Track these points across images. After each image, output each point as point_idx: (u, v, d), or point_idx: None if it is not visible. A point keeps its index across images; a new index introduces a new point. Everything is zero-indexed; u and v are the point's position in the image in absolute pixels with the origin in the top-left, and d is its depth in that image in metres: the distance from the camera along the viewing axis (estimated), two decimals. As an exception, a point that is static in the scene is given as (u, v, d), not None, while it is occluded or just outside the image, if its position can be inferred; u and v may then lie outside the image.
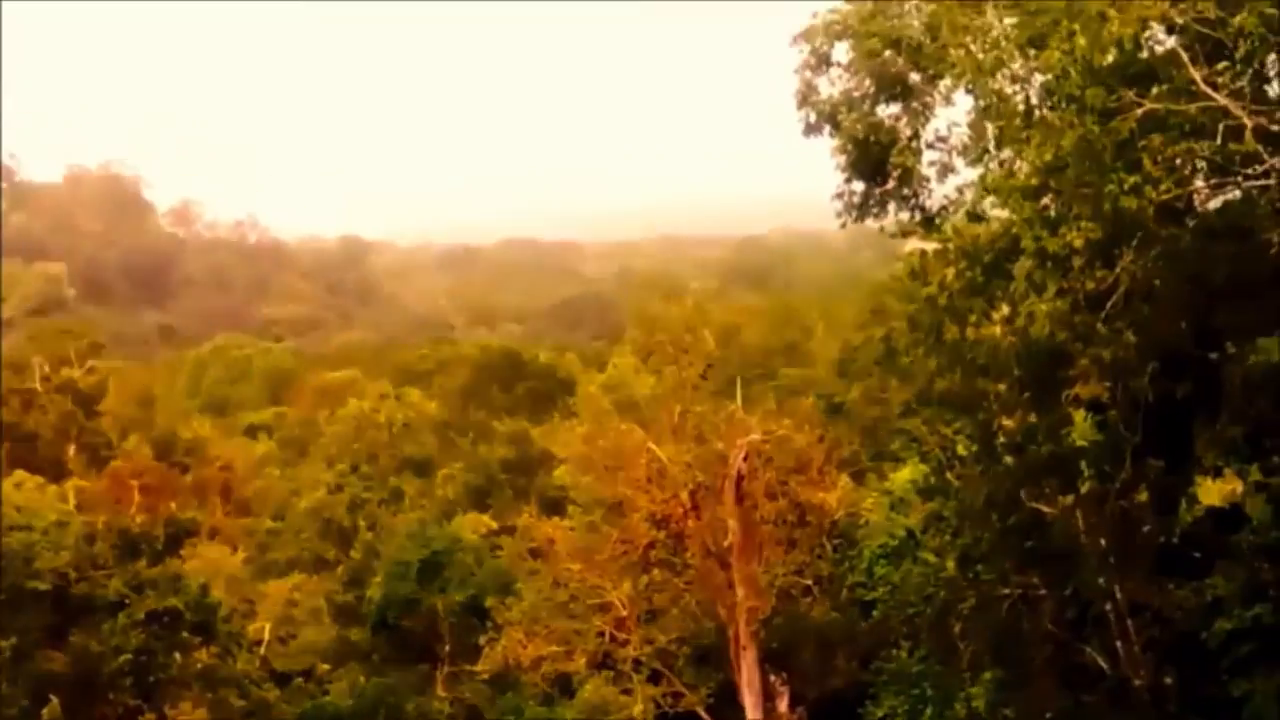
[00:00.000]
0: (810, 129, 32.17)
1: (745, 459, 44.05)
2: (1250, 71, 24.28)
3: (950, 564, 34.06)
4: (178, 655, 65.36)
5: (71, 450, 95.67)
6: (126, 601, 69.59)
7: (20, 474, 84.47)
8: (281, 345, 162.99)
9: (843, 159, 32.11)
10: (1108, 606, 28.70)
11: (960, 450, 33.51)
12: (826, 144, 32.24)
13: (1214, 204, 27.16)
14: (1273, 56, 24.91)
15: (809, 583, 46.23)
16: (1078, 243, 24.84)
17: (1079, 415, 26.64)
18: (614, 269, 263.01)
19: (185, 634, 66.84)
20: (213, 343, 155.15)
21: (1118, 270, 25.40)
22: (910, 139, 31.80)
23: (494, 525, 71.43)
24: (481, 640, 50.11)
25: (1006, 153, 28.82)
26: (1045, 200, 26.64)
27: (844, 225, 33.65)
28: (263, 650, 68.47)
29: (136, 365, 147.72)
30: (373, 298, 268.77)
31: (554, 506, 57.62)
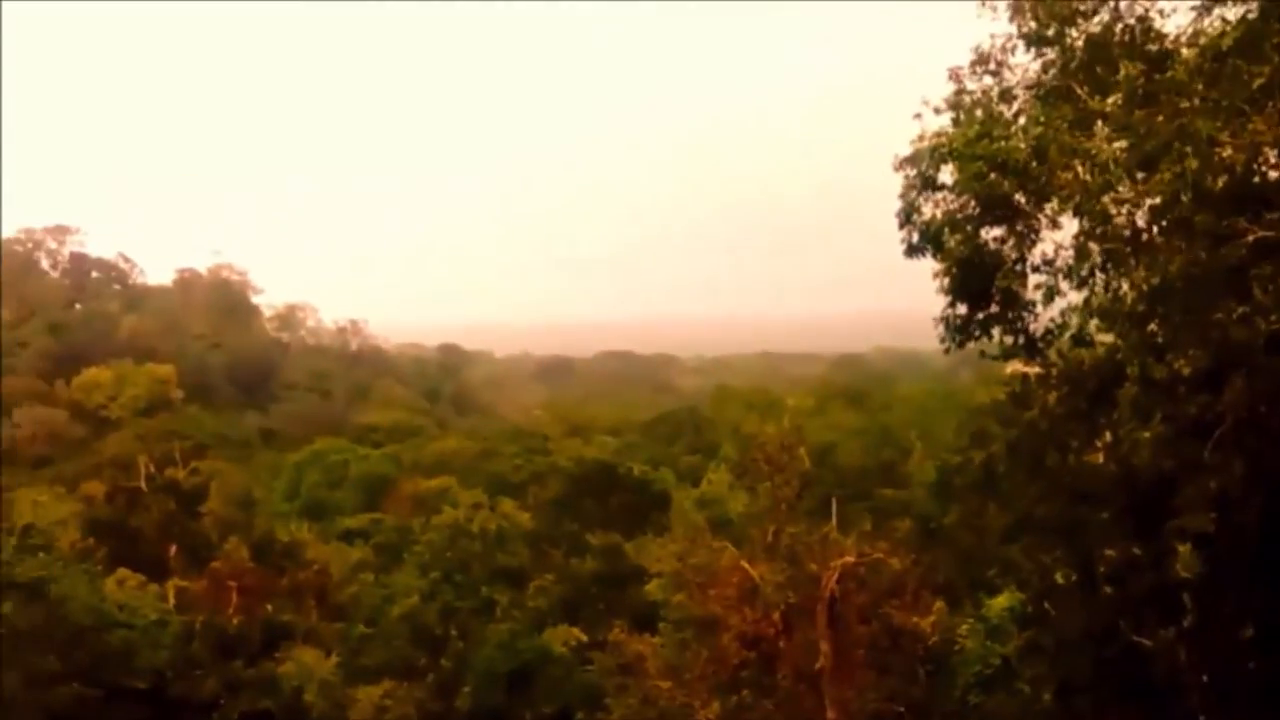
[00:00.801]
0: (913, 250, 32.10)
1: (839, 581, 43.66)
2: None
3: (1047, 696, 33.47)
4: (268, 758, 65.81)
5: (173, 549, 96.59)
6: (221, 701, 70.13)
7: (123, 572, 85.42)
8: (379, 451, 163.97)
9: (946, 281, 31.97)
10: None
11: (1059, 579, 32.97)
12: (929, 264, 32.17)
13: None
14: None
15: (901, 709, 45.55)
16: (1185, 370, 24.56)
17: (1184, 547, 26.15)
18: (710, 384, 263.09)
19: (278, 735, 67.32)
20: (312, 447, 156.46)
21: (1225, 399, 25.04)
22: (1015, 262, 31.64)
23: (584, 638, 71.10)
24: (569, 755, 49.86)
25: (1113, 277, 28.61)
26: (1152, 326, 26.36)
27: (947, 350, 33.39)
28: (351, 756, 68.56)
29: (238, 467, 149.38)
30: (469, 407, 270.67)
31: (645, 622, 57.22)
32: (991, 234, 31.72)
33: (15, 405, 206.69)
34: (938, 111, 31.79)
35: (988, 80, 32.12)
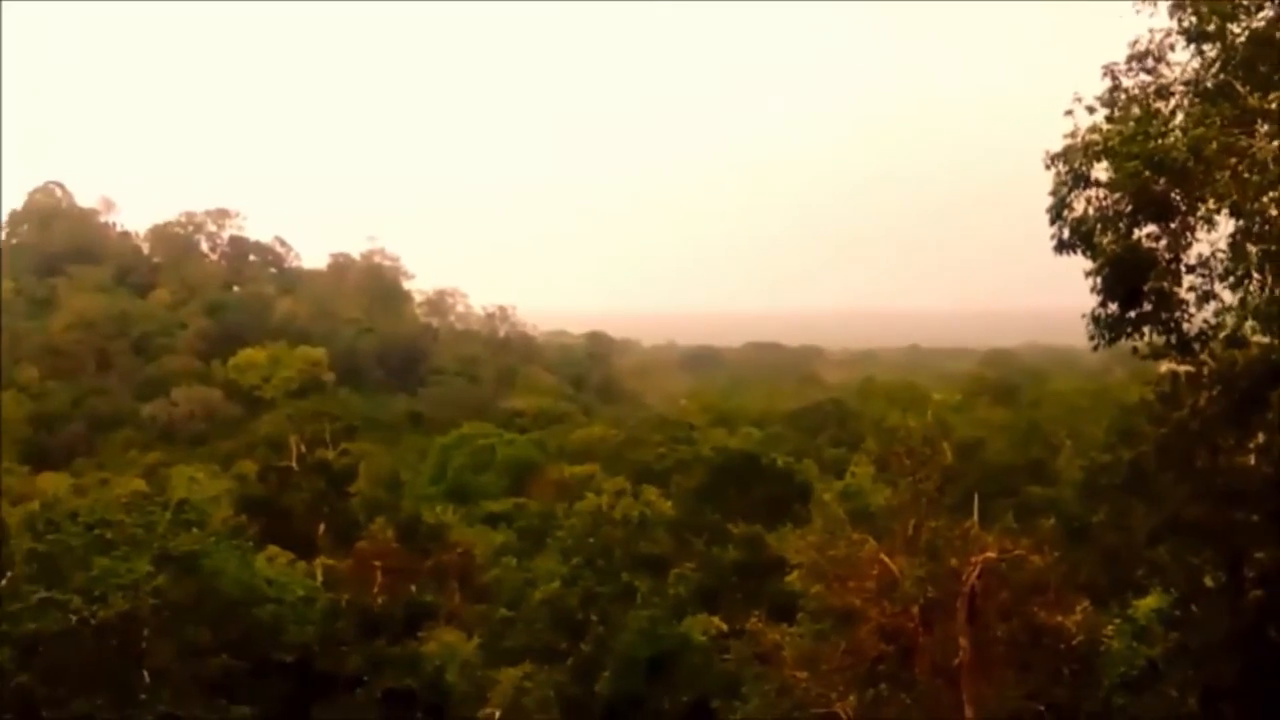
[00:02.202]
0: (1063, 246, 31.82)
1: (980, 577, 43.29)
2: None
3: (1192, 700, 33.05)
4: (411, 734, 66.76)
5: (321, 528, 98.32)
6: (365, 678, 71.27)
7: (273, 549, 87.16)
8: (525, 437, 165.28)
9: (1097, 279, 31.65)
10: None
11: (1207, 581, 32.54)
12: (1080, 261, 31.86)
13: None
14: None
15: (1042, 708, 45.06)
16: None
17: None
18: (857, 377, 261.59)
19: (419, 714, 68.19)
20: (459, 431, 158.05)
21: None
22: (1169, 261, 31.24)
23: (723, 627, 71.16)
24: (706, 742, 49.99)
25: (1270, 278, 28.14)
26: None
27: (1096, 348, 33.05)
28: (492, 736, 69.28)
29: (386, 449, 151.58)
30: (615, 395, 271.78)
31: (783, 612, 57.14)
32: (1145, 232, 31.34)
33: (174, 384, 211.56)
34: (1091, 110, 31.47)
35: (1144, 77, 31.72)
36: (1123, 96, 31.57)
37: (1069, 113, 31.33)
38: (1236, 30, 30.30)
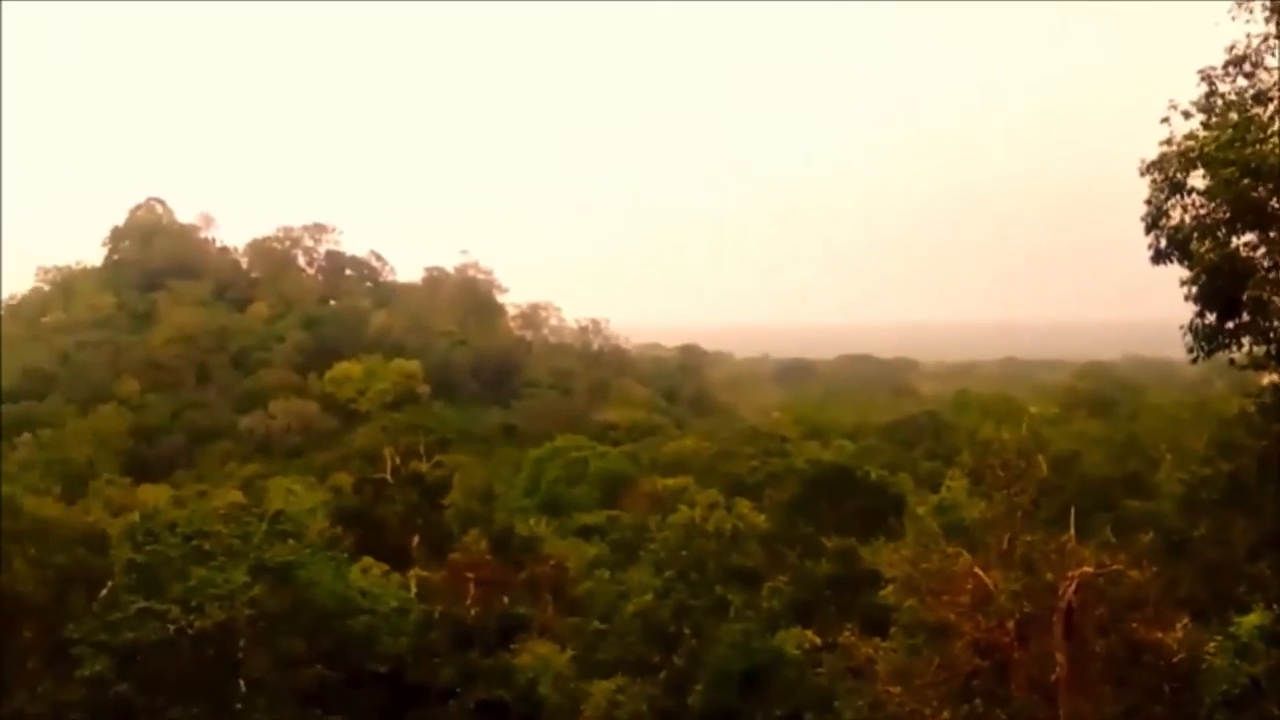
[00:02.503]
0: (1160, 256, 31.42)
1: (1076, 591, 42.75)
2: None
3: (1295, 718, 32.39)
4: (503, 746, 66.90)
5: (415, 540, 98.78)
6: (458, 690, 71.51)
7: (367, 560, 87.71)
8: (618, 449, 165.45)
9: (1194, 289, 31.20)
10: None
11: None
12: (1177, 270, 31.43)
13: None
14: None
15: (1141, 725, 44.46)
16: None
17: None
18: (951, 389, 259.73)
19: (512, 726, 68.36)
20: (552, 443, 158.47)
21: None
22: (1268, 269, 30.75)
23: (817, 641, 70.74)
24: (798, 756, 49.69)
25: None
26: None
27: (1195, 359, 32.55)
28: (584, 748, 69.29)
29: (479, 461, 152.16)
30: (708, 407, 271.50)
31: (877, 626, 56.74)
32: (1243, 240, 30.86)
33: (271, 397, 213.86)
34: (1187, 116, 31.03)
35: (1241, 81, 31.25)
36: (1219, 102, 31.13)
37: (1165, 120, 30.95)
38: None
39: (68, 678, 64.54)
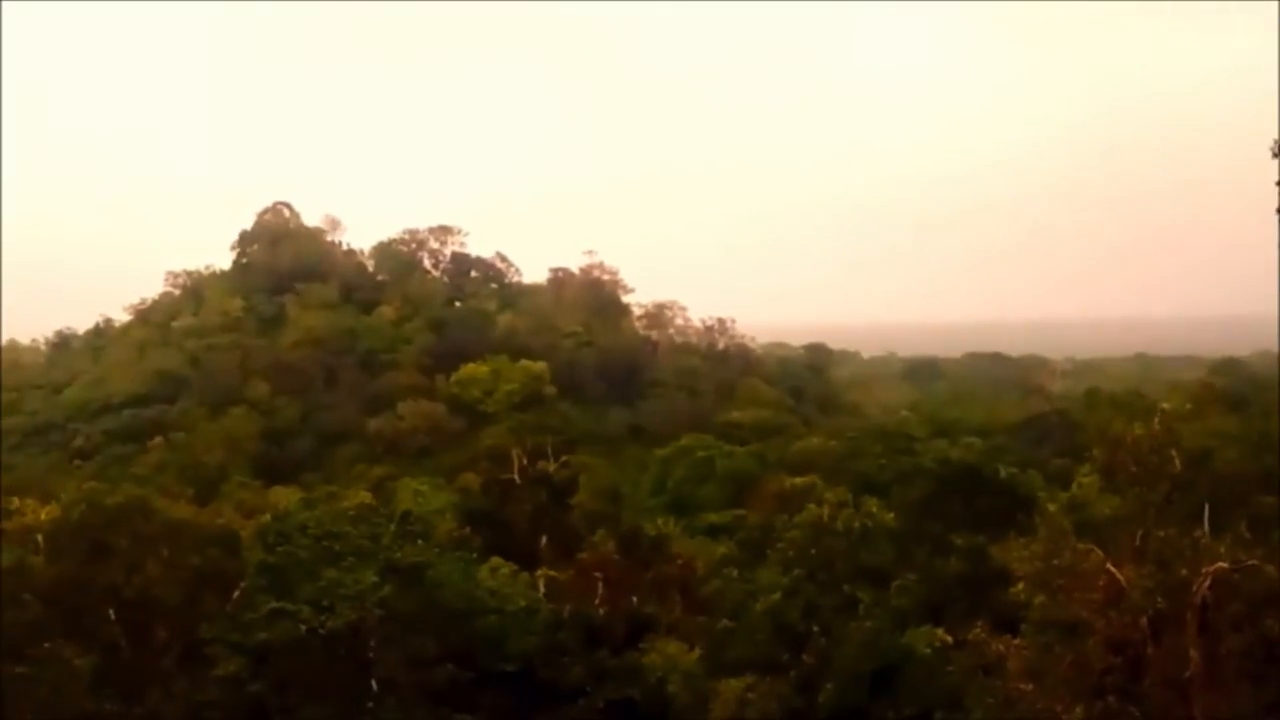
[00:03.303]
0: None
1: (1211, 588, 42.05)
2: None
3: None
4: (633, 746, 67.09)
5: (543, 540, 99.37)
6: (587, 689, 71.82)
7: (496, 560, 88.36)
8: (744, 448, 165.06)
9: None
10: None
11: None
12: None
13: None
14: None
15: (1278, 723, 43.60)
16: None
17: None
18: (1081, 386, 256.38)
19: (641, 724, 68.50)
20: (679, 443, 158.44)
21: None
22: None
23: (947, 639, 70.21)
24: (929, 754, 49.30)
25: None
26: None
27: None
28: (713, 747, 69.24)
29: (606, 462, 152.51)
30: (834, 406, 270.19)
31: (1008, 624, 56.17)
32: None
33: (399, 399, 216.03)
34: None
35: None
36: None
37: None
38: None
39: (202, 677, 65.77)
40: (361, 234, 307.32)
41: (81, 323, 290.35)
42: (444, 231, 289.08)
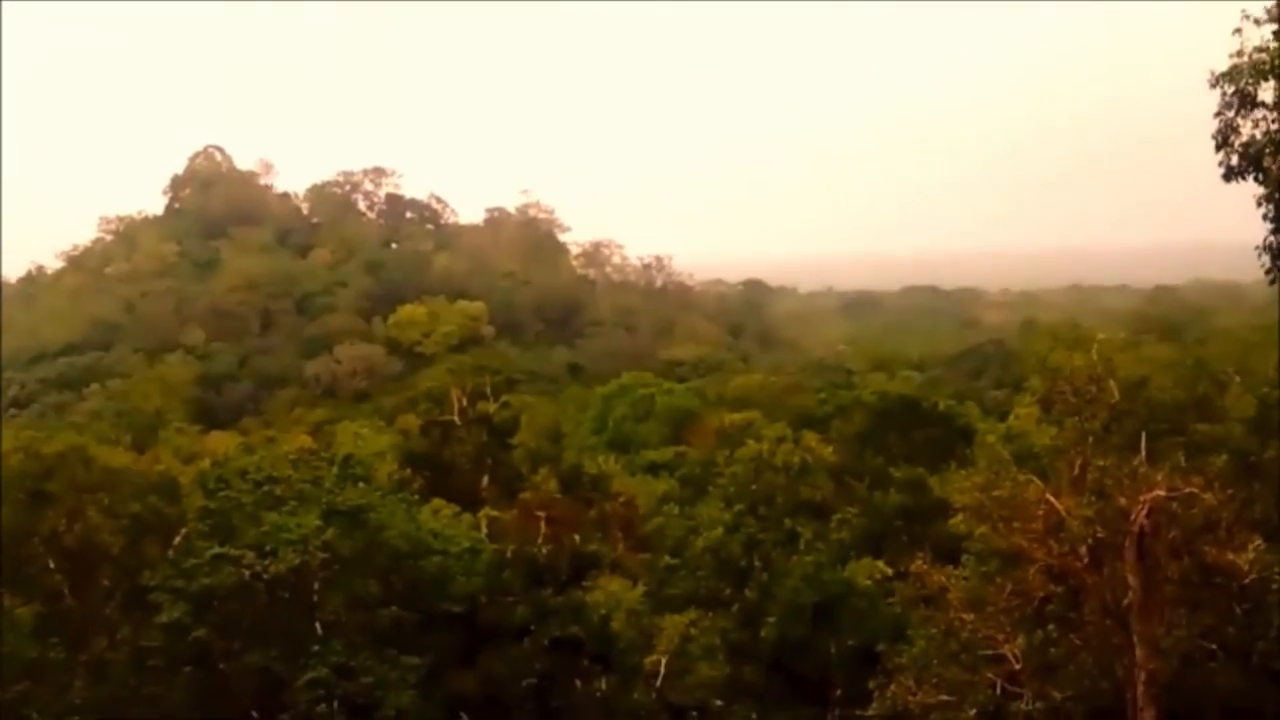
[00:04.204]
0: (1231, 173, 30.92)
1: (1148, 515, 42.40)
2: None
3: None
4: (578, 683, 67.26)
5: (485, 481, 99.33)
6: (532, 628, 71.92)
7: (437, 502, 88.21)
8: (684, 385, 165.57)
9: (1269, 207, 30.71)
10: None
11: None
12: (1247, 190, 30.95)
13: None
14: None
15: (1214, 647, 44.17)
16: None
17: None
18: (1018, 318, 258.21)
19: (586, 662, 68.68)
20: (618, 381, 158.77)
21: None
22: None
23: (888, 571, 70.86)
24: (872, 685, 49.65)
25: None
26: None
27: (1272, 281, 32.04)
28: (659, 683, 69.63)
29: (547, 401, 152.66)
30: (773, 341, 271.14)
31: (948, 555, 56.62)
32: (1320, 155, 30.33)
33: (336, 342, 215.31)
34: (1258, 23, 30.41)
35: (1316, -11, 30.57)
36: (1293, 11, 30.47)
37: (1237, 31, 30.33)
38: None
39: (146, 624, 65.44)
40: (295, 177, 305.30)
41: (13, 271, 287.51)
42: (378, 173, 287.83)
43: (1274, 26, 30.17)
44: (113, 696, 63.08)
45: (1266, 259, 31.46)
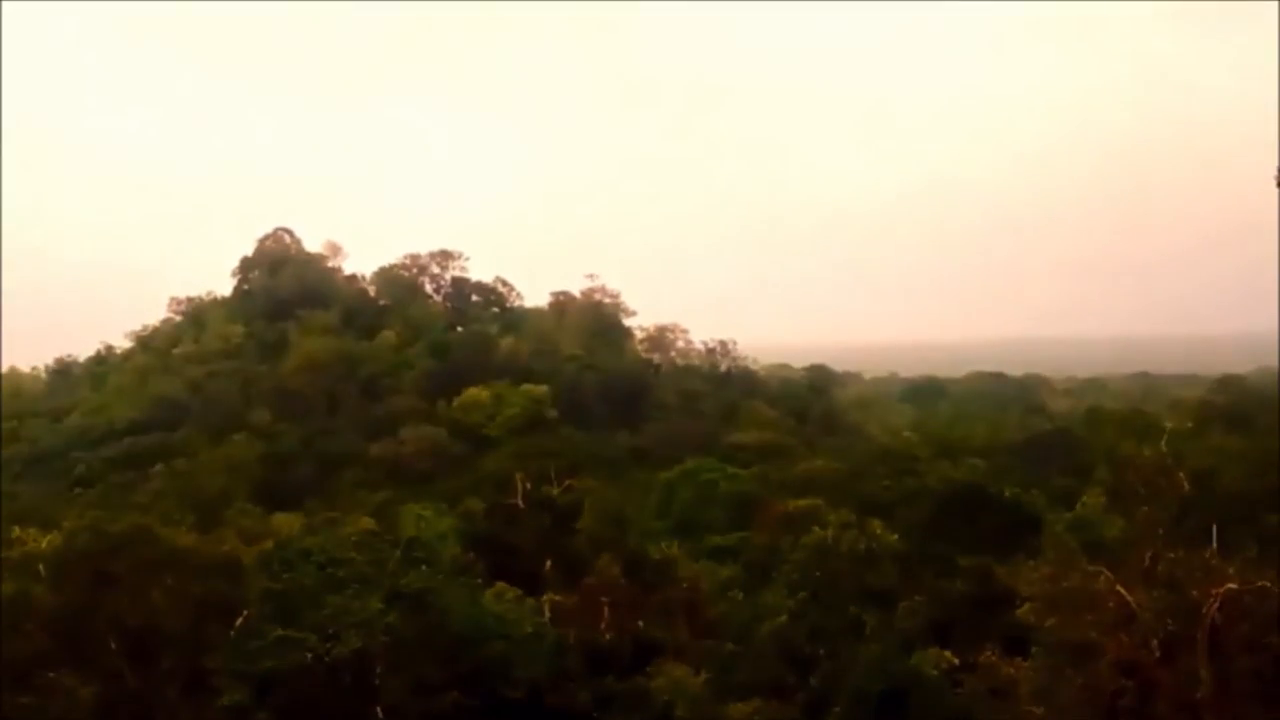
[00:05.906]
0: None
1: (1221, 608, 41.86)
2: None
3: None
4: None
5: (548, 564, 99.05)
6: (594, 714, 71.57)
7: (500, 585, 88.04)
8: (748, 471, 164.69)
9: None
10: None
11: None
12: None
13: None
14: None
15: (1290, 743, 43.37)
16: None
17: None
18: (1083, 405, 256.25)
19: (649, 749, 68.23)
20: (682, 466, 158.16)
21: None
22: None
23: (955, 661, 70.08)
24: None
25: None
26: None
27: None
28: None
29: (610, 485, 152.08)
30: (838, 427, 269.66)
31: (1016, 646, 56.03)
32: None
33: (400, 424, 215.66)
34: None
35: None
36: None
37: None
38: None
39: (207, 707, 65.53)
40: (363, 259, 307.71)
41: (82, 350, 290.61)
42: (445, 256, 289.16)
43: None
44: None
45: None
